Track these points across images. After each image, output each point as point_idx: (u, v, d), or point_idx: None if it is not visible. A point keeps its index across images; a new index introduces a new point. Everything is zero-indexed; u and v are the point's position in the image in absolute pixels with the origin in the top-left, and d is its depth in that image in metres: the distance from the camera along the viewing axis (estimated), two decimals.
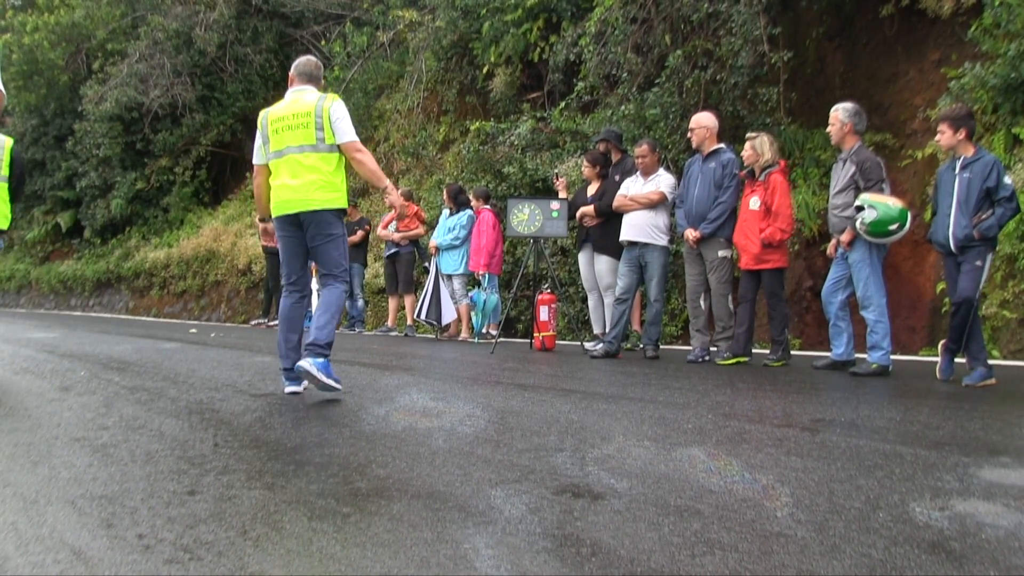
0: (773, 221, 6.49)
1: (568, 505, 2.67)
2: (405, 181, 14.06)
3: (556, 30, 11.68)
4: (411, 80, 14.91)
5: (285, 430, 3.88)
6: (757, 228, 6.53)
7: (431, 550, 2.25)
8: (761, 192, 6.57)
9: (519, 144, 11.33)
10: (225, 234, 17.35)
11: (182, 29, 18.56)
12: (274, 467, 3.18)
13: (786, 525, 2.47)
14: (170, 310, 18.15)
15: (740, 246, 6.72)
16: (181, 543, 2.28)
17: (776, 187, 6.53)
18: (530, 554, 2.25)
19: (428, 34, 14.00)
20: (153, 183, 19.73)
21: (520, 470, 3.11)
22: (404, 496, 2.75)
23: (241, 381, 5.53)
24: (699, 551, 2.26)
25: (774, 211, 6.50)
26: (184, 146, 19.40)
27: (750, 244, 6.57)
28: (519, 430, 3.84)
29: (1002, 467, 3.08)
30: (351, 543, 2.30)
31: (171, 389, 5.19)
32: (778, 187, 6.53)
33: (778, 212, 6.49)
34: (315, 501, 2.77)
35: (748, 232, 6.60)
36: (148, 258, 18.95)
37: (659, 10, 9.76)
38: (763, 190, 6.56)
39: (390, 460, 3.25)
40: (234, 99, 19.32)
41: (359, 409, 4.40)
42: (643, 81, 9.99)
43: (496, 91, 12.69)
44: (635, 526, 2.45)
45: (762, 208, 6.54)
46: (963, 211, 5.30)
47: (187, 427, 3.95)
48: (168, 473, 3.05)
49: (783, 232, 6.52)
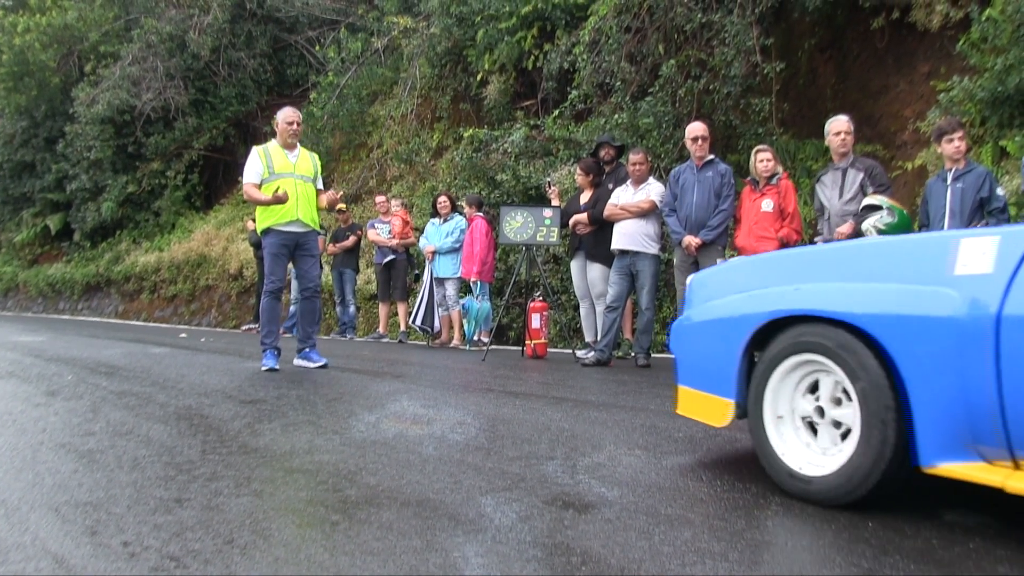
0: (789, 223, 6.59)
1: (558, 514, 2.66)
2: (398, 188, 14.05)
3: (550, 38, 11.71)
4: (405, 86, 14.91)
5: (274, 436, 3.85)
6: (771, 229, 6.59)
7: (420, 558, 2.24)
8: (774, 195, 6.62)
9: (512, 152, 11.34)
10: (217, 238, 17.29)
11: (175, 32, 18.51)
12: (263, 474, 3.16)
13: (776, 534, 2.47)
14: (160, 314, 18.07)
15: (751, 249, 6.70)
16: (167, 551, 2.26)
17: (788, 191, 6.68)
18: (520, 563, 2.24)
19: (422, 41, 14.01)
20: (144, 186, 19.65)
21: (511, 478, 3.09)
22: (394, 504, 2.74)
23: (231, 387, 5.50)
24: (689, 560, 2.26)
25: (791, 213, 6.62)
26: (176, 150, 19.35)
27: (763, 244, 6.52)
28: (510, 438, 3.83)
29: None
30: (340, 551, 2.28)
31: (159, 394, 5.15)
32: (790, 191, 6.70)
33: (794, 214, 6.64)
34: (304, 509, 2.75)
35: (761, 233, 6.62)
36: (138, 262, 18.87)
37: (653, 20, 9.79)
38: (776, 194, 6.62)
39: (380, 467, 3.24)
40: (227, 103, 19.28)
41: (349, 416, 4.38)
42: (636, 90, 10.02)
43: (490, 98, 12.70)
44: (625, 535, 2.45)
45: (775, 210, 6.61)
46: (956, 221, 5.33)
47: (175, 433, 3.92)
48: (155, 480, 3.02)
49: (798, 233, 6.65)
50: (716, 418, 3.16)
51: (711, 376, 3.19)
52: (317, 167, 6.54)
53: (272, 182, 6.17)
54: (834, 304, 2.69)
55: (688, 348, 3.39)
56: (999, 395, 2.30)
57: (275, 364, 6.21)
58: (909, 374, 2.47)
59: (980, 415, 2.35)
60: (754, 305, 2.98)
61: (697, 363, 3.33)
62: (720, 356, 3.11)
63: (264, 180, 6.21)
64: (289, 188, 6.14)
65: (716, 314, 3.19)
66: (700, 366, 3.30)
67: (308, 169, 6.40)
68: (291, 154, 6.35)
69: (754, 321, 2.93)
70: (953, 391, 2.39)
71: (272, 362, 6.22)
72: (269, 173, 6.21)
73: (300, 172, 6.32)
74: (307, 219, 6.32)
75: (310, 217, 6.35)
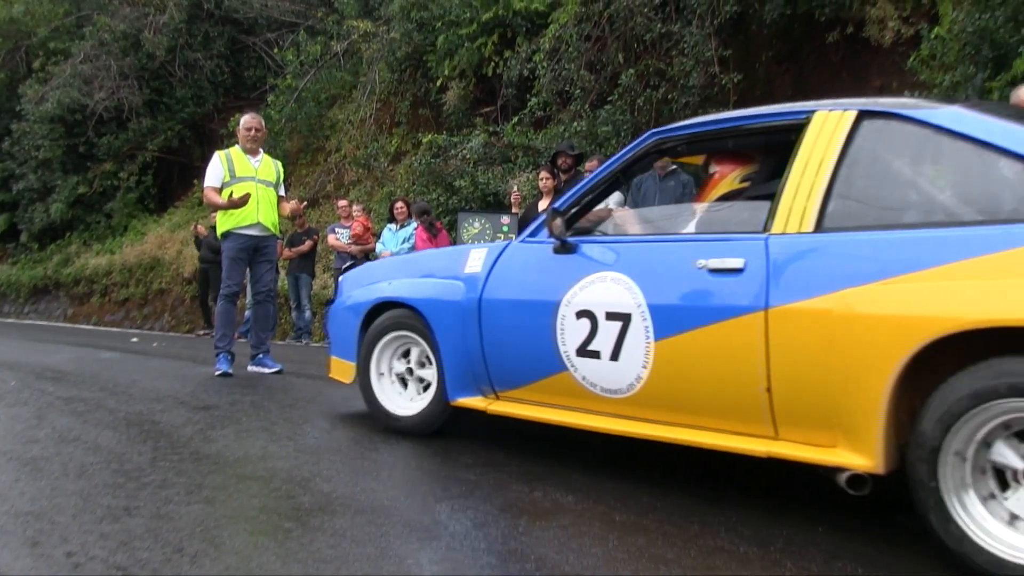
0: None
1: (514, 520, 2.66)
2: (356, 192, 13.96)
3: (511, 45, 11.72)
4: (364, 91, 14.82)
5: (227, 443, 3.80)
6: None
7: (374, 566, 2.22)
8: None
9: (471, 158, 11.32)
10: (171, 242, 17.01)
11: (130, 31, 18.16)
12: (214, 481, 3.11)
13: (728, 540, 2.49)
14: (111, 318, 17.72)
15: None
16: (113, 561, 2.21)
17: None
18: (474, 569, 2.24)
19: (382, 45, 13.94)
20: (96, 188, 19.22)
21: (466, 485, 3.08)
22: (348, 511, 2.71)
23: (183, 392, 5.40)
24: (643, 566, 2.27)
25: None
26: (130, 151, 18.97)
27: None
28: (466, 444, 3.82)
29: None
30: (292, 559, 2.26)
31: (109, 400, 5.04)
32: None
33: None
34: (256, 516, 2.71)
35: None
36: (89, 264, 18.47)
37: (613, 29, 9.86)
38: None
39: (334, 474, 3.21)
40: (183, 104, 18.97)
41: (304, 422, 4.33)
42: (596, 98, 10.07)
43: (449, 104, 12.68)
44: (580, 541, 2.45)
45: None
46: None
47: (124, 440, 3.84)
48: (102, 488, 2.95)
49: None
50: (346, 377, 4.28)
51: (344, 347, 4.29)
52: (280, 173, 6.52)
53: (233, 186, 6.12)
54: (404, 293, 3.91)
55: (334, 328, 4.48)
56: (482, 352, 3.50)
57: (228, 369, 6.13)
58: (441, 340, 3.66)
59: (476, 365, 3.55)
60: (367, 295, 4.14)
61: (337, 338, 4.41)
62: (348, 332, 4.22)
63: (225, 184, 6.16)
64: (251, 192, 6.11)
65: (349, 302, 4.30)
66: (338, 340, 4.38)
67: (270, 174, 6.38)
68: (254, 159, 6.33)
69: (365, 306, 4.11)
70: (462, 350, 3.59)
71: (225, 366, 6.14)
72: (231, 177, 6.16)
73: (262, 177, 6.29)
74: (268, 223, 6.28)
75: (271, 221, 6.31)
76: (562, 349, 3.18)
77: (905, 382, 2.31)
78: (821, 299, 2.47)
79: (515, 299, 3.41)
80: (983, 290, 2.20)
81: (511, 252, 3.53)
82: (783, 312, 2.55)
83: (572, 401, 3.25)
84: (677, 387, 2.89)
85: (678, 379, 2.87)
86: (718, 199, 3.46)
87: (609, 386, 3.06)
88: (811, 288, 2.51)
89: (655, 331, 2.88)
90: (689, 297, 2.83)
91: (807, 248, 2.60)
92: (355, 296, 4.26)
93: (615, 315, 2.99)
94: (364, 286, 4.25)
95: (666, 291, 2.89)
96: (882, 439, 2.34)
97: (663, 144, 3.39)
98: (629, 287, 2.97)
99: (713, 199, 3.50)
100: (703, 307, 2.77)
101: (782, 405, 2.59)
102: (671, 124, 3.48)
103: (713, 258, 2.77)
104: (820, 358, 2.46)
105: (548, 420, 3.31)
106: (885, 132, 2.67)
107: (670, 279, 2.91)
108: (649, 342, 2.89)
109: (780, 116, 3.04)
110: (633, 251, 3.16)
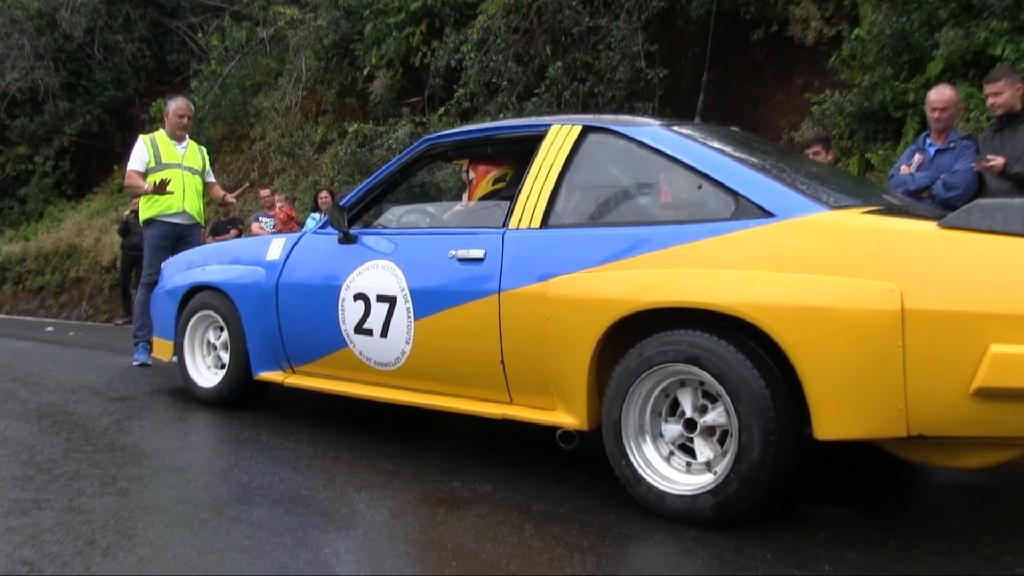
0: None
1: (431, 510, 2.69)
2: (280, 181, 13.76)
3: (439, 35, 11.68)
4: (290, 78, 14.58)
5: (144, 434, 3.74)
6: None
7: (291, 555, 2.23)
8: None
9: (397, 148, 11.25)
10: (89, 229, 16.48)
11: (45, 9, 17.48)
12: (130, 472, 3.07)
13: (643, 528, 2.57)
14: (25, 307, 17.11)
15: None
16: (20, 555, 2.17)
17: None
18: (391, 559, 2.27)
19: (309, 32, 13.74)
20: (9, 172, 18.52)
21: (385, 475, 3.11)
22: (266, 501, 2.71)
23: (99, 383, 5.28)
24: (559, 554, 2.33)
25: None
26: (46, 134, 18.30)
27: None
28: (384, 435, 3.84)
29: None
30: (208, 549, 2.25)
31: (21, 391, 4.90)
32: None
33: None
34: (172, 507, 2.69)
35: None
36: (1, 251, 17.81)
37: (541, 21, 9.91)
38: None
39: (253, 465, 3.19)
40: (103, 88, 18.36)
41: (223, 413, 4.28)
42: (523, 90, 10.12)
43: (376, 93, 12.57)
44: (497, 530, 2.50)
45: None
46: None
47: (36, 431, 3.75)
48: (11, 480, 2.89)
49: None
50: (165, 355, 4.75)
51: (164, 327, 4.71)
52: (205, 160, 6.40)
53: (157, 172, 5.99)
54: (215, 277, 4.32)
55: (156, 310, 4.93)
56: (280, 331, 3.90)
57: (147, 359, 6.00)
58: (245, 320, 4.06)
59: (275, 342, 3.95)
60: (184, 279, 4.57)
61: (159, 319, 4.84)
62: (168, 313, 4.63)
63: (150, 170, 6.01)
64: (176, 179, 5.98)
65: (169, 285, 4.72)
66: (160, 321, 4.81)
67: (196, 161, 6.25)
68: (179, 145, 6.19)
69: (181, 289, 4.53)
70: (264, 329, 3.98)
71: (144, 357, 6.01)
72: (156, 163, 6.02)
73: (188, 164, 6.16)
74: (192, 211, 6.16)
75: (195, 209, 6.20)
76: (343, 328, 3.59)
77: (604, 354, 2.80)
78: (540, 284, 2.95)
79: (306, 283, 3.83)
80: (657, 278, 2.69)
81: (305, 242, 3.97)
82: (512, 295, 3.02)
83: (353, 374, 3.68)
84: (433, 360, 3.34)
85: (434, 353, 3.32)
86: (480, 199, 4.10)
87: (381, 360, 3.49)
88: (532, 275, 2.99)
89: (415, 311, 3.32)
90: (442, 282, 3.28)
91: (533, 241, 3.08)
92: (174, 280, 4.68)
93: (384, 297, 3.42)
94: (182, 271, 4.68)
95: (424, 277, 3.34)
96: (586, 401, 2.84)
97: (435, 149, 3.79)
98: (395, 273, 3.41)
99: (476, 198, 4.17)
100: (453, 291, 3.22)
101: (513, 374, 3.07)
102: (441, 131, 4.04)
103: (462, 249, 3.23)
104: (539, 334, 2.93)
105: (335, 391, 3.75)
106: (601, 145, 3.17)
107: (428, 267, 3.35)
108: (410, 321, 3.34)
109: (527, 128, 3.50)
110: (402, 242, 3.57)
